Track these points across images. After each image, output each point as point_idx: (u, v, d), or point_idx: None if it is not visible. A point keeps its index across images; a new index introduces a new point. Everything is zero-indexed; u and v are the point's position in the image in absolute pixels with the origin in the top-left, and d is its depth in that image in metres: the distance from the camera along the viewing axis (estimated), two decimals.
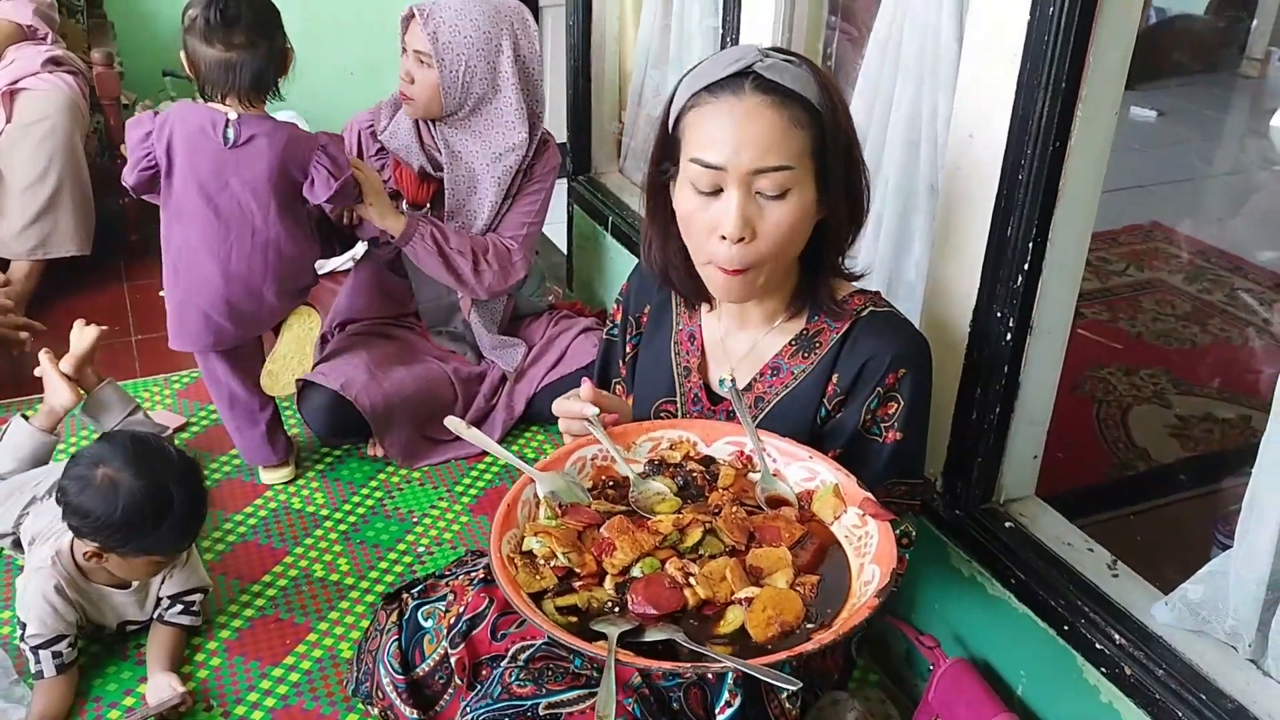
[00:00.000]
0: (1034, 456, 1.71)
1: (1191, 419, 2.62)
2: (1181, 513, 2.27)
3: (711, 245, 1.36)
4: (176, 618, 1.93)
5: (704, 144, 1.33)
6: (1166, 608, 1.46)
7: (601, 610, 1.22)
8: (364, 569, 2.17)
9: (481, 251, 2.44)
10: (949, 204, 1.65)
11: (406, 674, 1.67)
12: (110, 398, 2.24)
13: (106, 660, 1.93)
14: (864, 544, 1.28)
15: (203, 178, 2.11)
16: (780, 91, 1.32)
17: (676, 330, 1.60)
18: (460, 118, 2.41)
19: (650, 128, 2.89)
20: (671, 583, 1.23)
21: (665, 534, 1.28)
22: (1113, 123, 1.50)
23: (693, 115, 1.36)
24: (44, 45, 3.18)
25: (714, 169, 1.33)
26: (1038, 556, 1.62)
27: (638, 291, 1.66)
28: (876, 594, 1.19)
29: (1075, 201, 1.51)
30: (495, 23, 2.36)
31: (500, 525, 1.30)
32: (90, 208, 3.14)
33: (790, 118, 1.32)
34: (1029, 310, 1.57)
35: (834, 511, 1.33)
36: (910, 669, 1.87)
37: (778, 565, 1.25)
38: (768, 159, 1.31)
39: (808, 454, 1.39)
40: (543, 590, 1.24)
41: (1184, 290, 3.32)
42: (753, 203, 1.33)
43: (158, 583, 1.91)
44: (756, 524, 1.31)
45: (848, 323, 1.46)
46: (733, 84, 1.33)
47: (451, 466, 2.48)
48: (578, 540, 1.29)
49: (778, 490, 1.38)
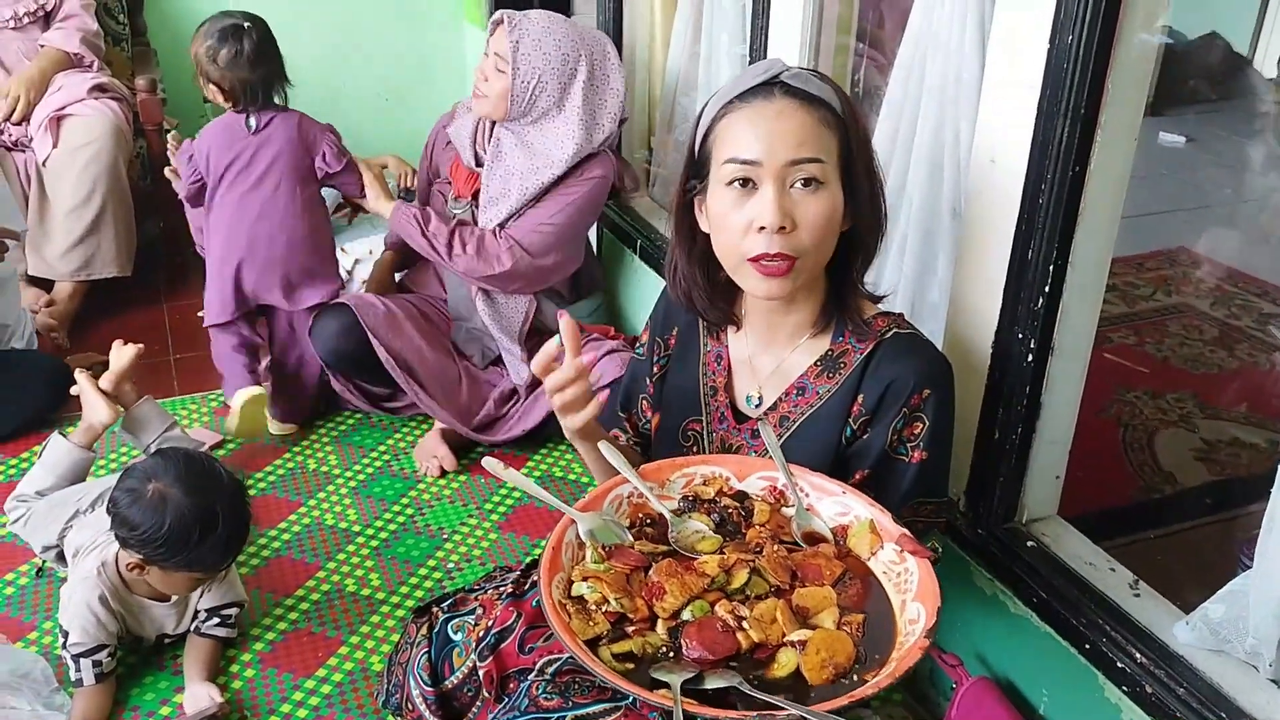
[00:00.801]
0: (1056, 476, 1.73)
1: (1218, 443, 2.62)
2: (1206, 536, 2.27)
3: (748, 241, 1.39)
4: (213, 630, 1.97)
5: (738, 144, 1.38)
6: (1188, 627, 1.47)
7: (656, 656, 1.22)
8: (395, 584, 2.21)
9: (462, 238, 2.50)
10: (971, 227, 1.68)
11: (436, 686, 1.70)
12: (148, 414, 2.30)
13: (144, 670, 1.98)
14: (904, 580, 1.29)
15: (234, 163, 2.56)
16: (807, 96, 1.38)
17: (705, 352, 1.62)
18: (520, 125, 2.50)
19: (679, 153, 2.94)
20: (724, 626, 1.23)
21: (713, 576, 1.28)
22: (1132, 148, 1.52)
23: (724, 123, 1.41)
24: (90, 73, 3.27)
25: (749, 164, 1.37)
26: (1060, 576, 1.63)
27: (665, 314, 1.69)
28: (926, 634, 1.19)
29: (1095, 225, 1.54)
30: (576, 46, 2.46)
31: (549, 570, 1.29)
32: (132, 230, 3.21)
33: (819, 118, 1.38)
34: (1050, 332, 1.59)
35: (870, 547, 1.33)
36: (933, 687, 1.88)
37: (823, 604, 1.26)
38: (802, 150, 1.36)
39: (840, 489, 1.39)
40: (597, 636, 1.23)
41: (1211, 315, 3.31)
42: (788, 195, 1.37)
43: (196, 596, 1.96)
44: (798, 562, 1.31)
45: (872, 343, 1.48)
46: (762, 90, 1.39)
47: (481, 485, 2.52)
48: (626, 584, 1.28)
49: (813, 526, 1.38)
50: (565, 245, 2.58)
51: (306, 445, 2.65)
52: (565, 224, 2.55)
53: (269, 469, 2.55)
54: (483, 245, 2.51)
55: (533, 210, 2.54)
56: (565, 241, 2.58)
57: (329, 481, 2.52)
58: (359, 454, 2.63)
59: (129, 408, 2.27)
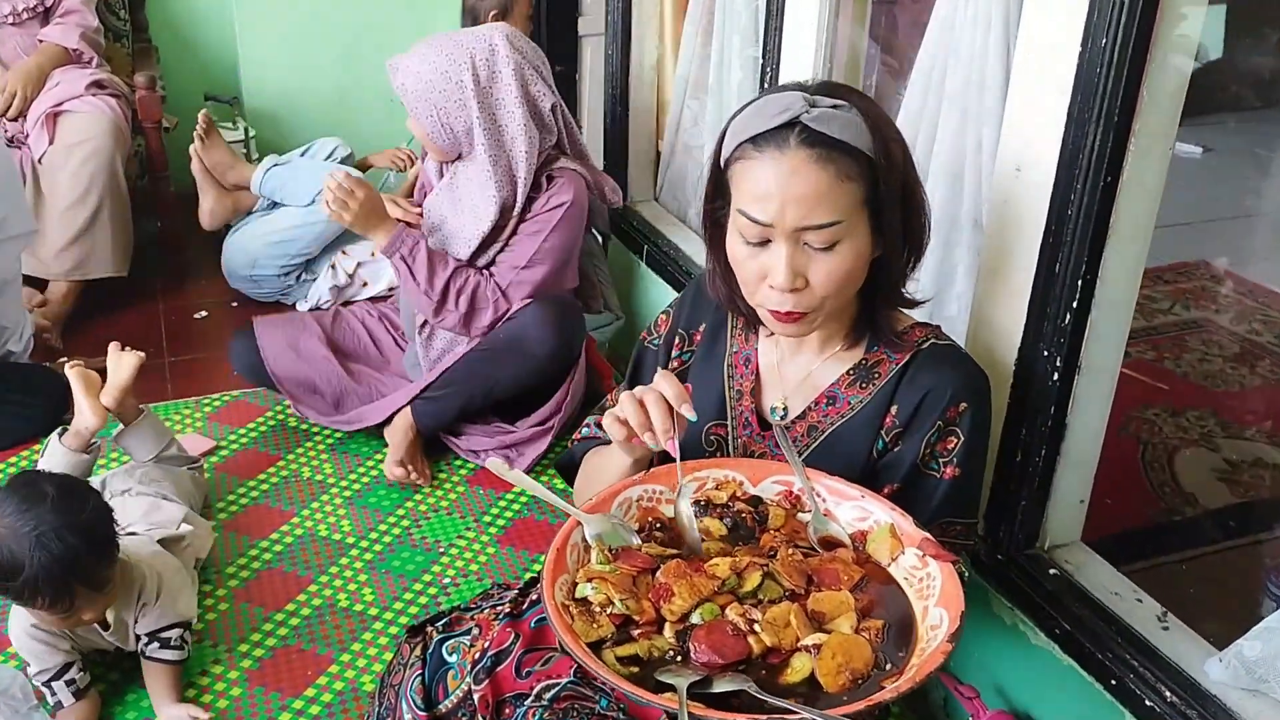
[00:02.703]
0: (1080, 501, 1.66)
1: (1241, 463, 2.54)
2: (1231, 561, 2.20)
3: (763, 292, 1.35)
4: (158, 654, 1.85)
5: (750, 199, 1.31)
6: (1221, 665, 1.40)
7: (663, 660, 1.17)
8: (389, 599, 2.14)
9: (455, 291, 2.39)
10: (995, 239, 1.60)
11: (429, 710, 1.63)
12: (146, 433, 2.20)
13: (126, 687, 1.91)
14: (926, 586, 1.23)
15: None
16: (828, 143, 1.28)
17: (732, 353, 1.56)
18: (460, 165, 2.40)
19: (687, 157, 2.87)
20: (734, 630, 1.18)
21: (723, 578, 1.23)
22: (1166, 157, 1.45)
23: (739, 167, 1.34)
24: (89, 69, 3.22)
25: (760, 224, 1.31)
26: (1084, 606, 1.56)
27: (693, 307, 1.61)
28: (949, 638, 1.13)
29: (1127, 238, 1.47)
30: (454, 58, 2.28)
31: (552, 571, 1.25)
32: (129, 230, 3.16)
33: (838, 172, 1.28)
34: (1077, 349, 1.52)
35: (891, 553, 1.28)
36: (949, 719, 1.81)
37: (840, 610, 1.20)
38: (815, 216, 1.28)
39: (859, 493, 1.34)
40: (600, 639, 1.19)
41: (1232, 330, 3.24)
42: (802, 254, 1.31)
43: (131, 621, 1.84)
44: (814, 566, 1.26)
45: (908, 354, 1.43)
46: (778, 137, 1.29)
47: (479, 496, 2.45)
48: (633, 586, 1.24)
49: (831, 531, 1.33)
50: (550, 286, 2.46)
51: (301, 453, 2.58)
52: (543, 270, 2.42)
53: (261, 477, 2.48)
54: (474, 302, 2.40)
55: (506, 255, 2.43)
56: (549, 284, 2.45)
57: (323, 491, 2.45)
58: (354, 462, 2.56)
59: (128, 424, 2.19)
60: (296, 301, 3.30)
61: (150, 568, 1.86)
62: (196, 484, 2.27)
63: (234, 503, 2.39)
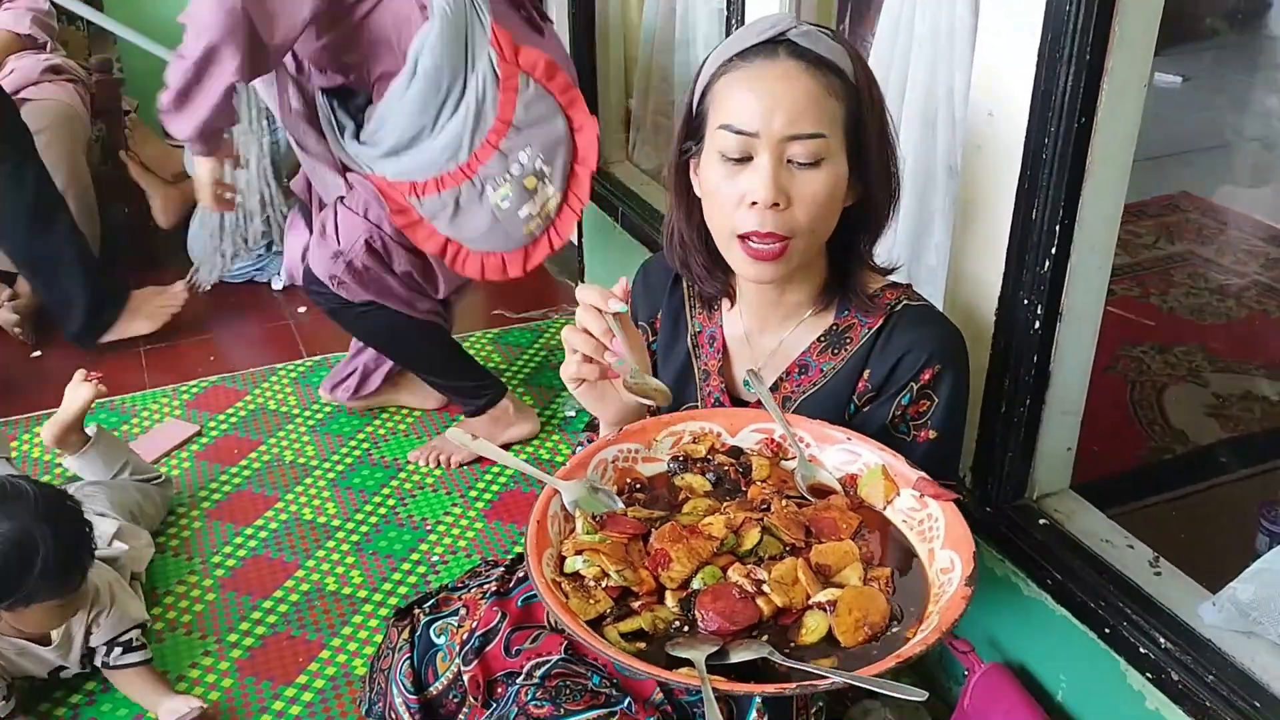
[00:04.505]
0: (1068, 449, 1.63)
1: (1230, 397, 2.52)
2: (1223, 498, 2.18)
3: (740, 215, 1.29)
4: (123, 659, 1.81)
5: (734, 109, 1.27)
6: (1214, 608, 1.38)
7: (669, 632, 1.11)
8: (377, 581, 2.12)
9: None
10: (969, 186, 1.57)
11: (420, 694, 1.61)
12: (94, 461, 2.14)
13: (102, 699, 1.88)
14: (929, 528, 1.19)
15: None
16: (815, 58, 1.26)
17: (695, 334, 1.52)
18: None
19: (660, 114, 2.82)
20: (741, 592, 1.13)
21: (721, 538, 1.18)
22: (1142, 95, 1.41)
23: (722, 83, 1.30)
24: (43, 54, 3.15)
25: (745, 135, 1.26)
26: (1075, 555, 1.54)
27: (645, 295, 1.58)
28: (966, 581, 1.09)
29: (1104, 180, 1.43)
30: None
31: (535, 546, 1.18)
32: (94, 217, 3.10)
33: (825, 85, 1.26)
34: (1058, 296, 1.49)
35: (885, 495, 1.24)
36: (943, 671, 1.79)
37: (846, 560, 1.16)
38: (802, 124, 1.25)
39: (845, 435, 1.30)
40: (600, 615, 1.13)
41: (1217, 262, 3.20)
42: (784, 170, 1.27)
43: (80, 635, 1.80)
44: (809, 516, 1.21)
45: (881, 318, 1.39)
46: (766, 50, 1.27)
47: (465, 471, 2.42)
48: (625, 554, 1.18)
49: (819, 478, 1.28)
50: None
51: (282, 437, 2.55)
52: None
53: (243, 463, 2.45)
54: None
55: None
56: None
57: (306, 474, 2.42)
58: (337, 443, 2.53)
59: (71, 453, 2.13)
60: (271, 278, 3.26)
61: (101, 579, 1.83)
62: (146, 494, 2.18)
63: (216, 490, 2.36)
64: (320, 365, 2.83)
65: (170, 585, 2.09)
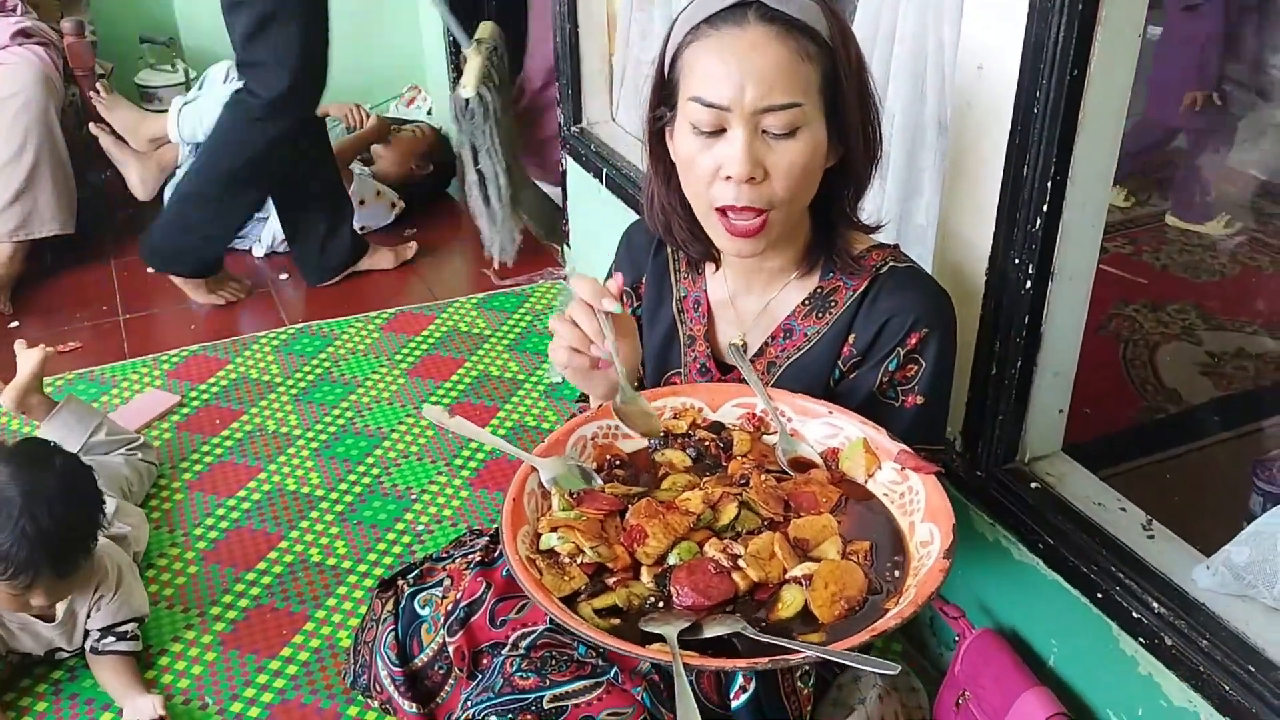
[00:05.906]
0: (1059, 411, 1.60)
1: (1223, 355, 2.50)
2: (1217, 457, 2.16)
3: (716, 189, 1.25)
4: (113, 646, 1.79)
5: (705, 81, 1.22)
6: (1208, 572, 1.36)
7: (644, 608, 1.10)
8: (362, 551, 2.09)
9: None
10: (959, 142, 1.53)
11: (404, 665, 1.60)
12: (67, 422, 2.11)
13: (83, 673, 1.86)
14: (909, 501, 1.18)
15: None
16: (786, 21, 1.21)
17: (679, 298, 1.49)
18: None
19: (640, 73, 2.75)
20: (716, 567, 1.12)
21: (698, 513, 1.17)
22: (1136, 46, 1.36)
23: (691, 51, 1.25)
24: (13, 17, 3.07)
25: (716, 108, 1.21)
26: (1067, 518, 1.51)
27: (628, 260, 1.54)
28: (944, 554, 1.08)
29: (1097, 135, 1.39)
30: None
31: (511, 523, 1.17)
32: (71, 184, 3.04)
33: (798, 49, 1.21)
34: (1049, 255, 1.45)
35: (867, 469, 1.23)
36: (934, 636, 1.78)
37: (824, 534, 1.15)
38: (775, 95, 1.20)
39: (827, 409, 1.28)
40: (574, 592, 1.12)
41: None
42: (760, 141, 1.22)
43: (83, 616, 1.78)
44: (789, 491, 1.20)
45: (866, 280, 1.36)
46: (735, 14, 1.21)
47: (450, 439, 2.39)
48: (602, 531, 1.17)
49: (801, 452, 1.26)
50: None
51: (264, 406, 2.51)
52: None
53: (225, 433, 2.41)
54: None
55: None
56: None
57: (289, 443, 2.39)
58: (320, 412, 2.49)
59: (39, 420, 2.09)
60: (252, 246, 3.20)
61: (112, 560, 1.80)
62: (134, 468, 2.15)
63: (198, 461, 2.33)
64: (302, 333, 2.79)
65: (152, 558, 2.06)
